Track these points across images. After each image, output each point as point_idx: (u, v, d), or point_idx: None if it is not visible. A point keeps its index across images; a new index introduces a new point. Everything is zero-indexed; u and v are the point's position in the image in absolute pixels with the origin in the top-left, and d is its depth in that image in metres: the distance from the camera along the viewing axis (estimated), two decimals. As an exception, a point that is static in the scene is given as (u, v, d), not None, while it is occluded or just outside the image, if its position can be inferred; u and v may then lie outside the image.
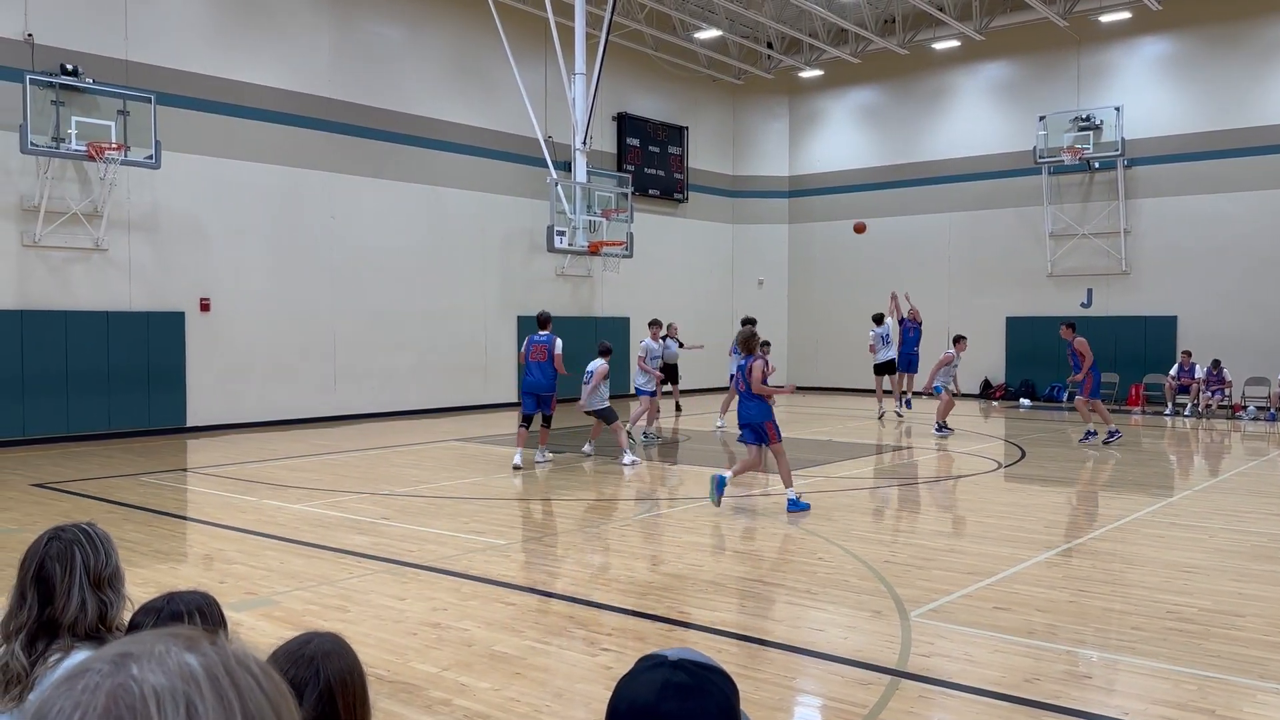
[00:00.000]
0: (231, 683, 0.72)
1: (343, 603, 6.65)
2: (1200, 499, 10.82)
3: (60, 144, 14.74)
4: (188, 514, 10.13)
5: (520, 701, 4.89)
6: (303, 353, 18.49)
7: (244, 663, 0.74)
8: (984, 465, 13.55)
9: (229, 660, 0.74)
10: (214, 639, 0.76)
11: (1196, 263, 21.91)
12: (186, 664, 0.71)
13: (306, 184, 18.49)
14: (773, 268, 28.65)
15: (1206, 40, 21.92)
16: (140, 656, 0.71)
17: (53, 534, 2.57)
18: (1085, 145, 22.39)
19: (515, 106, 20.72)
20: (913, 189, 25.97)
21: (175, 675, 0.70)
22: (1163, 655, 5.57)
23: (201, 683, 0.71)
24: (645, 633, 6.08)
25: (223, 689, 0.71)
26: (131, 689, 0.69)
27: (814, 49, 25.96)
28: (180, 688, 0.70)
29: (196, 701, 0.69)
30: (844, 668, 5.41)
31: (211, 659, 0.73)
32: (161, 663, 0.71)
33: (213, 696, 0.70)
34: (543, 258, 22.40)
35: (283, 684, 0.77)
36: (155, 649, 0.72)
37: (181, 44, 16.76)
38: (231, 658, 0.74)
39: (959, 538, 8.91)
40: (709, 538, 8.85)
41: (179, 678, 0.70)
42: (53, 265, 15.36)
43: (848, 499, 11.20)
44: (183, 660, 0.72)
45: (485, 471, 12.96)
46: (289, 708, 0.76)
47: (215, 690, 0.71)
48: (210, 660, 0.73)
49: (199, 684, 0.71)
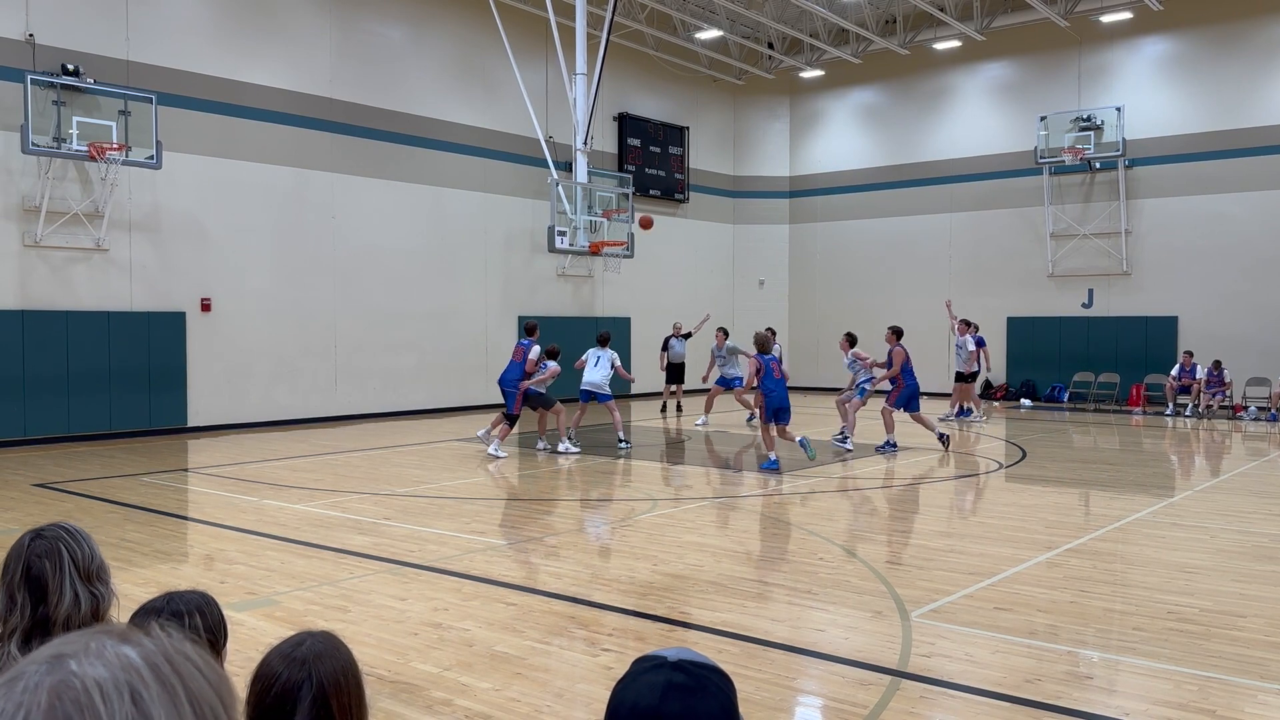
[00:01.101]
0: (173, 670, 0.71)
1: (344, 603, 6.65)
2: (1201, 499, 10.82)
3: (61, 144, 14.75)
4: (189, 514, 10.13)
5: (521, 702, 4.90)
6: (304, 353, 18.49)
7: (183, 651, 0.74)
8: (985, 466, 13.55)
9: (167, 649, 0.73)
10: (149, 631, 0.76)
11: (1197, 263, 21.91)
12: (125, 655, 0.71)
13: (308, 184, 18.49)
14: (773, 268, 28.65)
15: (1207, 40, 21.91)
16: (76, 653, 0.71)
17: (34, 534, 2.55)
18: (1086, 145, 22.39)
19: (516, 107, 20.73)
20: (913, 189, 25.97)
21: (116, 667, 0.70)
22: (1164, 656, 5.56)
23: (143, 672, 0.70)
24: (646, 633, 6.08)
25: (165, 676, 0.71)
26: (73, 683, 0.68)
27: (815, 49, 25.97)
28: (123, 678, 0.69)
29: (140, 690, 0.69)
30: (844, 668, 5.41)
31: (149, 649, 0.72)
32: (100, 656, 0.70)
33: (156, 684, 0.70)
34: (544, 258, 22.40)
35: (223, 671, 0.76)
36: (90, 645, 0.72)
37: (183, 44, 16.76)
38: (170, 647, 0.74)
39: (960, 538, 8.91)
40: (710, 538, 8.85)
41: (120, 669, 0.70)
42: (54, 265, 15.37)
43: (848, 499, 11.20)
44: (120, 652, 0.71)
45: (486, 472, 12.96)
46: (230, 691, 0.76)
47: (158, 678, 0.70)
48: (148, 650, 0.72)
49: (140, 673, 0.70)
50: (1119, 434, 17.70)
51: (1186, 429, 18.49)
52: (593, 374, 15.08)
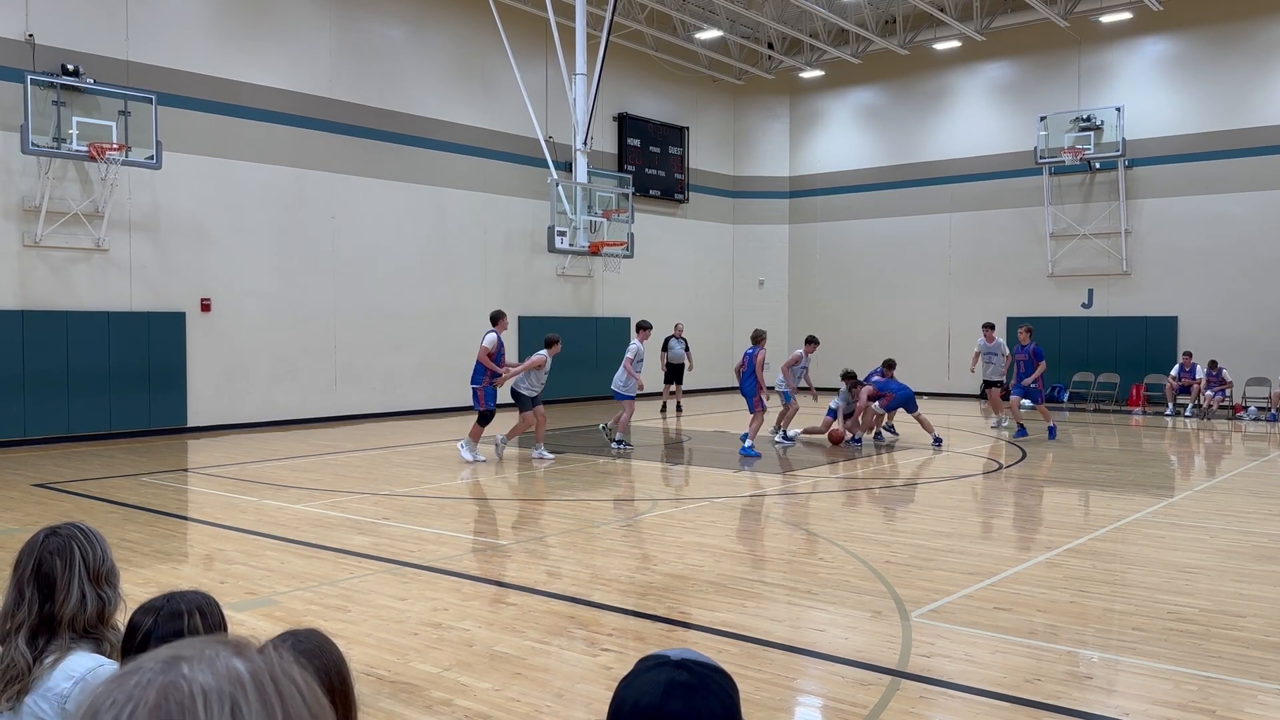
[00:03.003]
0: (276, 690, 0.75)
1: (343, 603, 6.65)
2: (1201, 499, 10.82)
3: (61, 144, 14.75)
4: (189, 514, 10.13)
5: (521, 702, 4.90)
6: (304, 353, 18.49)
7: (288, 673, 0.78)
8: (985, 466, 13.55)
9: (274, 668, 0.77)
10: (262, 648, 0.79)
11: (1197, 263, 21.91)
12: (234, 668, 0.75)
13: (308, 184, 18.50)
14: (773, 268, 28.65)
15: (1207, 40, 21.91)
16: (190, 659, 0.75)
17: (49, 531, 2.57)
18: (1086, 145, 22.39)
19: (516, 107, 20.73)
20: (913, 189, 25.98)
21: (223, 677, 0.73)
22: (1164, 656, 5.57)
23: (248, 686, 0.74)
24: (645, 633, 6.08)
25: (267, 694, 0.74)
26: (181, 686, 0.72)
27: (815, 49, 25.97)
28: (227, 689, 0.73)
29: (241, 703, 0.72)
30: (844, 668, 5.41)
31: (258, 665, 0.76)
32: (211, 665, 0.74)
33: (257, 700, 0.73)
34: (544, 258, 22.41)
35: (324, 699, 0.80)
36: (205, 652, 0.76)
37: (182, 44, 16.76)
38: (276, 667, 0.77)
39: (960, 538, 8.91)
40: (709, 538, 8.84)
41: (226, 680, 0.73)
42: (54, 265, 15.37)
43: (848, 499, 11.20)
44: (231, 664, 0.75)
45: (486, 472, 12.96)
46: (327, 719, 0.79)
47: (260, 694, 0.74)
48: (256, 667, 0.76)
49: (245, 687, 0.73)
50: (1119, 434, 17.70)
51: (1186, 429, 18.49)
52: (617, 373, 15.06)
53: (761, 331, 15.58)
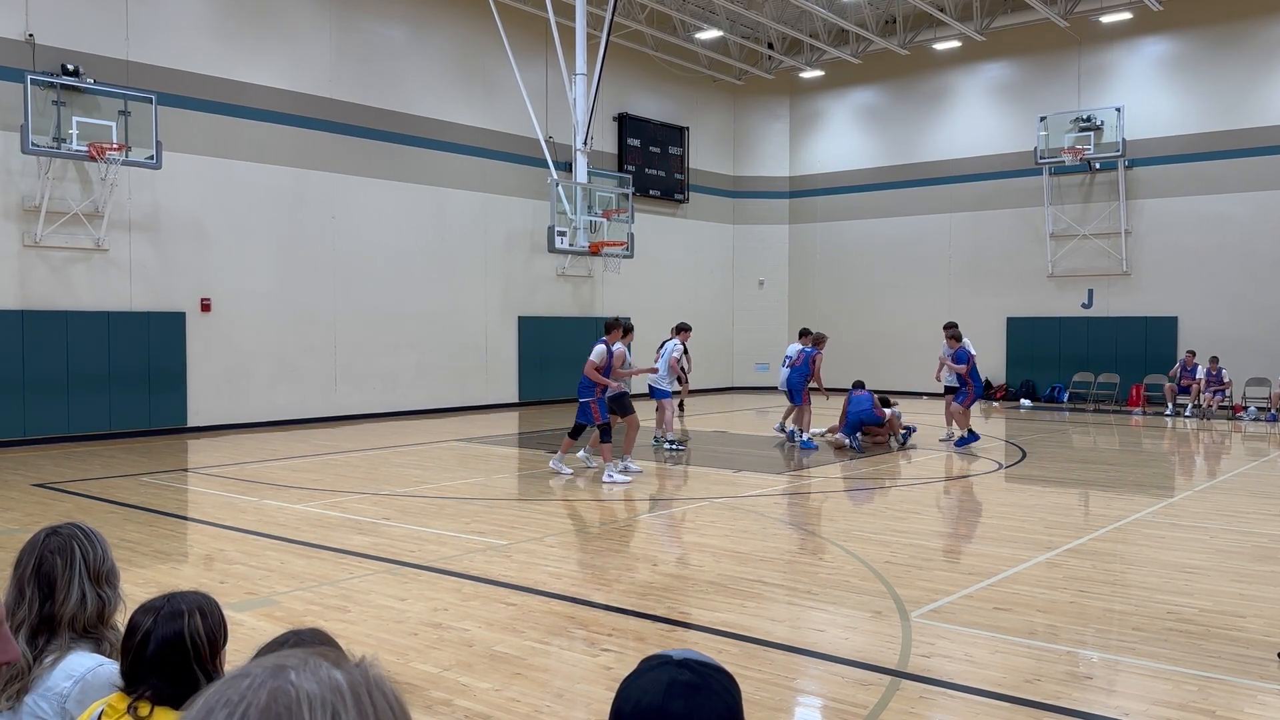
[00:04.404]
0: (371, 702, 0.80)
1: (343, 603, 6.65)
2: (1201, 499, 10.82)
3: (61, 144, 14.75)
4: (189, 514, 10.13)
5: (521, 702, 4.90)
6: (304, 353, 18.49)
7: (381, 686, 0.83)
8: (985, 466, 13.55)
9: (370, 681, 0.82)
10: (359, 661, 0.85)
11: (1197, 263, 21.91)
12: (335, 678, 0.80)
13: (308, 184, 18.49)
14: (773, 268, 28.66)
15: (1207, 41, 21.92)
16: (296, 667, 0.81)
17: (50, 531, 2.57)
18: (1086, 146, 22.39)
19: (516, 107, 20.73)
20: (913, 189, 25.98)
21: (326, 686, 0.79)
22: (1163, 656, 5.57)
23: (347, 696, 0.79)
24: (645, 633, 6.08)
25: (364, 705, 0.80)
26: (289, 691, 0.78)
27: (815, 49, 25.97)
28: (329, 697, 0.78)
29: (340, 711, 0.78)
30: (844, 668, 5.41)
31: (356, 678, 0.81)
32: (315, 673, 0.80)
33: (355, 710, 0.79)
34: (544, 258, 22.40)
35: (409, 713, 0.85)
36: (309, 662, 0.82)
37: (183, 44, 16.76)
38: (372, 680, 0.83)
39: (959, 538, 8.91)
40: (709, 538, 8.84)
41: (329, 688, 0.79)
42: (54, 265, 15.37)
43: (848, 499, 11.20)
44: (332, 674, 0.81)
45: (486, 472, 12.96)
46: None
47: (358, 705, 0.79)
48: (355, 679, 0.81)
49: (344, 696, 0.79)
50: (1119, 434, 17.70)
51: (1186, 429, 18.49)
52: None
53: (823, 335, 16.53)
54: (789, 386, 15.96)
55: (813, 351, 15.98)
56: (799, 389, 15.74)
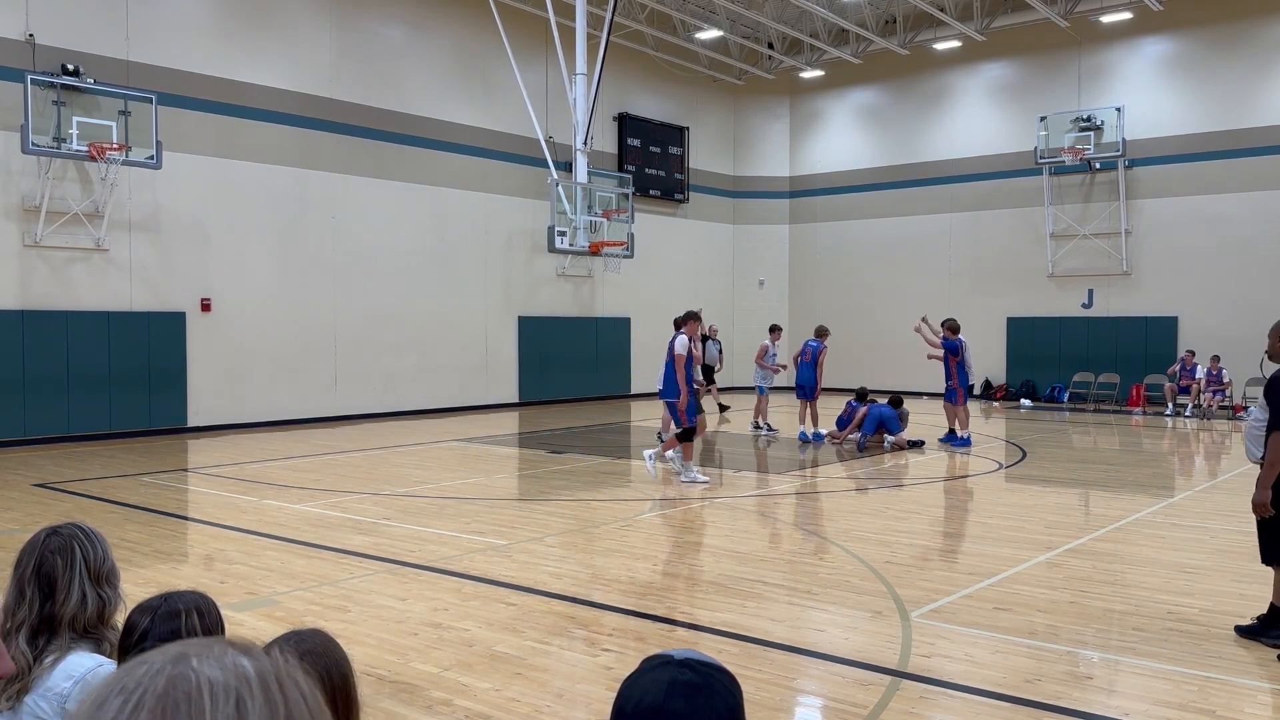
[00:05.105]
0: (280, 690, 0.77)
1: (344, 603, 6.65)
2: (1201, 499, 10.82)
3: (61, 144, 14.74)
4: (189, 514, 10.14)
5: (521, 702, 4.90)
6: (304, 353, 18.49)
7: (294, 677, 0.80)
8: (985, 466, 13.55)
9: (280, 671, 0.79)
10: (268, 649, 0.82)
11: (1197, 263, 21.91)
12: (241, 665, 0.77)
13: (308, 184, 18.49)
14: (773, 268, 28.66)
15: (1207, 41, 21.92)
16: (199, 654, 0.77)
17: (50, 531, 2.57)
18: (1086, 146, 22.39)
19: (516, 107, 20.73)
20: (913, 189, 25.98)
21: (230, 673, 0.76)
22: (1164, 656, 5.57)
23: (253, 684, 0.76)
24: (645, 633, 6.08)
25: (271, 693, 0.76)
26: (189, 677, 0.74)
27: (815, 49, 25.97)
28: (233, 684, 0.75)
29: (246, 699, 0.74)
30: (845, 668, 5.41)
31: (264, 666, 0.78)
32: (219, 661, 0.77)
33: (262, 698, 0.75)
34: (544, 258, 22.40)
35: (324, 705, 0.82)
36: (213, 649, 0.78)
37: (183, 44, 16.76)
38: (283, 670, 0.80)
39: (960, 538, 8.91)
40: (710, 538, 8.85)
41: (233, 675, 0.76)
42: (54, 265, 15.37)
43: (848, 499, 11.20)
44: (238, 662, 0.77)
45: (487, 472, 12.96)
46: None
47: (265, 693, 0.76)
48: (263, 666, 0.78)
49: (250, 684, 0.76)
50: (1119, 434, 17.70)
51: (1186, 429, 18.49)
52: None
53: (824, 328, 17.19)
54: (800, 383, 16.51)
55: (818, 345, 16.52)
56: (811, 385, 16.28)
